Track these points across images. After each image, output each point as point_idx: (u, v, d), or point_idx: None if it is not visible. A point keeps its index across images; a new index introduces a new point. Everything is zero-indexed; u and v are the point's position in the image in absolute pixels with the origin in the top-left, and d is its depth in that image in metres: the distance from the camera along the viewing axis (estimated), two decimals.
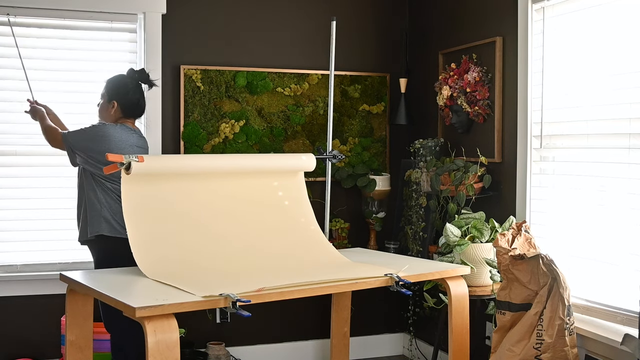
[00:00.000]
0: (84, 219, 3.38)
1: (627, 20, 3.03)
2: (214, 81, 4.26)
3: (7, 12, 3.91)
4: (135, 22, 4.16)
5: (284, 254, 3.09)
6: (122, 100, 3.45)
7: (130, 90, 3.47)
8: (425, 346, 4.49)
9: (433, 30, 4.48)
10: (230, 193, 3.16)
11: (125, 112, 3.47)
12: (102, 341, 3.85)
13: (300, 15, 4.49)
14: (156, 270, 2.75)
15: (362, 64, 4.62)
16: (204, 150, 4.25)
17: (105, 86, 3.51)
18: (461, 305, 3.00)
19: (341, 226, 4.48)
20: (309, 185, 3.86)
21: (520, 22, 3.60)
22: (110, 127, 3.39)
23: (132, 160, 2.78)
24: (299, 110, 4.43)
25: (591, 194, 3.24)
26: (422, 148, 4.16)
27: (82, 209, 3.41)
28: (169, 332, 2.26)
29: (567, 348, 2.98)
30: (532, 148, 3.55)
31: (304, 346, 4.54)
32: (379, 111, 4.63)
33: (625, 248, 3.05)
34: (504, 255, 3.11)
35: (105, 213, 3.32)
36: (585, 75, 3.26)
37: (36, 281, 4.02)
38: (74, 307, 2.85)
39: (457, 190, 3.76)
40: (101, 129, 3.37)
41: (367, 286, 2.78)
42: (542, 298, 3.01)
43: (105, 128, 3.38)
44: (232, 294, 2.37)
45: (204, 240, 2.98)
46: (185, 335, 4.00)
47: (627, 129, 3.03)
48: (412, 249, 4.25)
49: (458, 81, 3.98)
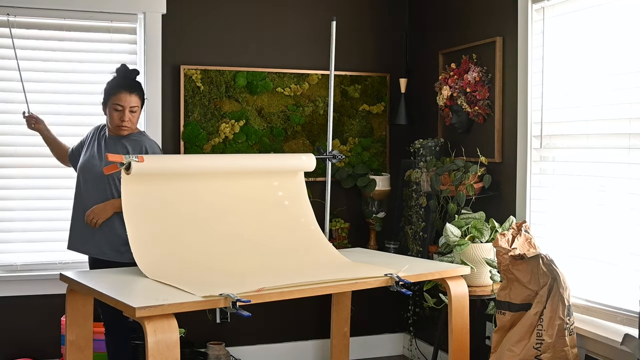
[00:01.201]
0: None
1: (627, 20, 3.03)
2: (214, 81, 4.27)
3: (7, 12, 3.91)
4: (135, 22, 4.16)
5: (284, 254, 3.09)
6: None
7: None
8: (425, 346, 4.49)
9: (433, 30, 4.48)
10: (230, 193, 3.16)
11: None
12: (102, 341, 3.85)
13: (300, 15, 4.49)
14: (156, 270, 2.75)
15: (362, 64, 4.62)
16: (204, 151, 4.25)
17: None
18: (461, 305, 3.00)
19: (341, 226, 4.48)
20: (309, 185, 3.86)
21: (520, 22, 3.60)
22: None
23: (132, 160, 2.79)
24: (299, 110, 4.43)
25: (591, 194, 3.24)
26: (422, 148, 4.16)
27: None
28: (169, 332, 2.26)
29: (567, 348, 2.98)
30: (532, 148, 3.55)
31: (304, 346, 4.54)
32: (379, 111, 4.63)
33: (625, 248, 3.05)
34: (504, 255, 3.11)
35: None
36: (585, 75, 3.26)
37: (36, 281, 4.02)
38: (74, 307, 2.85)
39: (457, 190, 3.76)
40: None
41: (367, 286, 2.78)
42: (542, 298, 3.01)
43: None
44: (232, 294, 2.37)
45: (204, 240, 2.98)
46: (185, 335, 4.00)
47: (627, 129, 3.03)
48: (412, 249, 4.25)
49: (458, 81, 3.98)
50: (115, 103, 3.36)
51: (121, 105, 3.36)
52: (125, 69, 3.45)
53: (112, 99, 3.38)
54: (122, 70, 3.45)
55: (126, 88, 3.37)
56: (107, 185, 3.38)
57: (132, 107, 3.38)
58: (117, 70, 3.45)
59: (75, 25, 4.08)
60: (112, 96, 3.38)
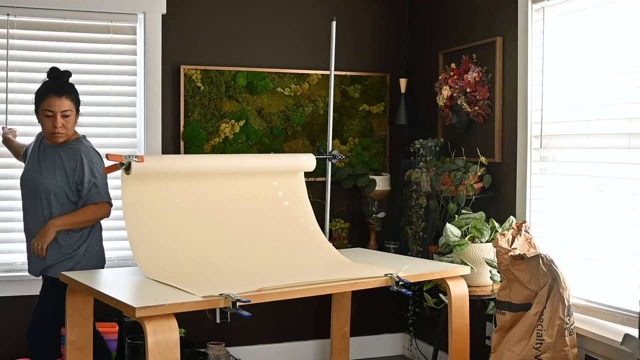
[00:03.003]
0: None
1: (627, 20, 3.03)
2: (214, 81, 4.26)
3: (7, 12, 3.91)
4: (135, 22, 4.16)
5: (284, 254, 3.09)
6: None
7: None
8: (425, 346, 4.49)
9: (433, 30, 4.48)
10: (230, 193, 3.16)
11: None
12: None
13: (300, 15, 4.49)
14: (156, 270, 2.75)
15: (362, 64, 4.62)
16: (204, 151, 4.25)
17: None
18: (461, 305, 3.00)
19: (341, 226, 4.48)
20: (309, 185, 3.86)
21: (520, 22, 3.60)
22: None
23: (132, 160, 2.79)
24: (299, 110, 4.43)
25: (591, 194, 3.24)
26: (422, 148, 4.16)
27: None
28: (169, 332, 2.26)
29: (567, 348, 2.98)
30: (532, 148, 3.55)
31: (304, 346, 4.54)
32: (379, 111, 4.63)
33: (625, 248, 3.05)
34: (504, 255, 3.11)
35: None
36: (585, 76, 3.26)
37: (36, 281, 4.01)
38: (74, 307, 2.85)
39: (457, 190, 3.76)
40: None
41: (367, 286, 2.78)
42: (542, 298, 3.01)
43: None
44: (232, 294, 2.37)
45: (204, 240, 2.98)
46: (185, 335, 4.00)
47: (627, 129, 3.03)
48: (412, 249, 4.25)
49: (458, 81, 3.98)
50: (45, 109, 3.17)
51: (51, 110, 3.16)
52: (56, 72, 3.26)
53: (41, 105, 3.19)
54: (52, 73, 3.26)
55: (55, 92, 3.17)
56: (40, 201, 3.23)
57: (63, 111, 3.18)
58: (48, 74, 3.27)
59: (75, 25, 4.08)
60: (41, 102, 3.19)
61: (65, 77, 3.28)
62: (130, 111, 4.20)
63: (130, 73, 4.19)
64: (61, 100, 3.18)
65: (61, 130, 3.19)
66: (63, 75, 3.27)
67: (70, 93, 3.23)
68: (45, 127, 3.21)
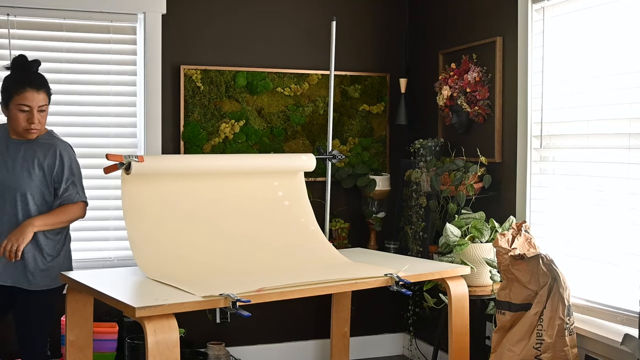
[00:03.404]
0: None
1: (627, 20, 3.03)
2: (214, 81, 4.26)
3: (7, 12, 3.91)
4: (135, 22, 4.16)
5: (284, 254, 3.09)
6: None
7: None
8: (425, 346, 4.49)
9: (433, 30, 4.48)
10: (230, 193, 3.16)
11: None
12: (102, 341, 3.86)
13: (300, 15, 4.49)
14: (156, 270, 2.75)
15: (362, 64, 4.62)
16: (204, 151, 4.25)
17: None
18: (461, 305, 3.00)
19: (341, 226, 4.48)
20: (309, 185, 3.86)
21: (520, 22, 3.60)
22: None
23: (132, 160, 2.79)
24: (299, 110, 4.43)
25: (591, 194, 3.24)
26: (422, 148, 4.16)
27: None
28: (169, 332, 2.26)
29: (567, 348, 2.98)
30: (532, 148, 3.55)
31: (304, 346, 4.54)
32: (379, 111, 4.63)
33: (625, 248, 3.05)
34: (504, 255, 3.11)
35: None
36: (585, 75, 3.26)
37: None
38: (74, 307, 2.85)
39: (457, 190, 3.76)
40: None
41: (367, 286, 2.78)
42: (542, 298, 3.01)
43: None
44: (232, 294, 2.37)
45: (204, 240, 2.98)
46: (185, 335, 4.00)
47: (627, 129, 3.03)
48: (412, 249, 4.25)
49: (458, 81, 3.98)
50: (20, 103, 2.93)
51: (28, 105, 2.93)
52: (24, 60, 3.01)
53: (15, 98, 2.93)
54: (21, 62, 3.01)
55: (33, 85, 2.93)
56: (13, 202, 2.98)
57: (40, 106, 2.96)
58: (15, 62, 3.00)
59: (75, 25, 4.08)
60: (15, 95, 2.93)
61: (34, 66, 3.04)
62: (130, 111, 4.20)
63: (130, 73, 4.19)
64: (39, 94, 2.96)
65: (37, 127, 2.98)
66: (32, 65, 3.03)
67: (46, 87, 3.01)
68: (17, 122, 2.95)
